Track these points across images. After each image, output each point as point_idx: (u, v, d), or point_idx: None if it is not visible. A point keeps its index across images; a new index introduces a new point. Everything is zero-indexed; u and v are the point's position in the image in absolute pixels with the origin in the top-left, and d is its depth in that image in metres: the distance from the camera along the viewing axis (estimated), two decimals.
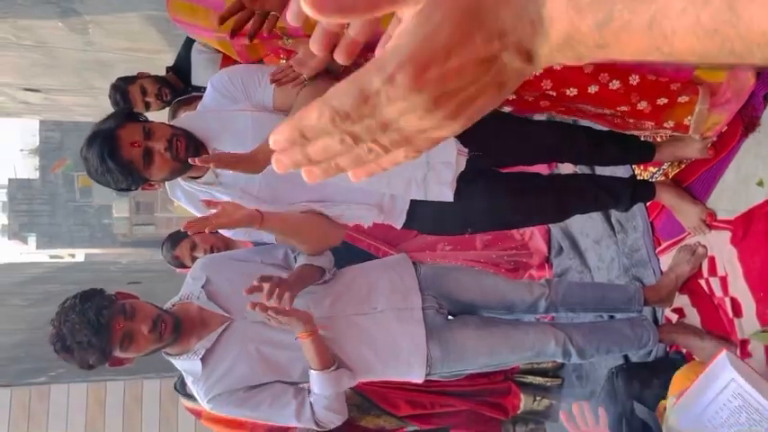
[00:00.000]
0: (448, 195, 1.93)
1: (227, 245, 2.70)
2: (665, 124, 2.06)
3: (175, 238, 2.82)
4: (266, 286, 1.72)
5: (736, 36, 0.34)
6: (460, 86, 0.41)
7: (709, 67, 1.94)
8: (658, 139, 2.25)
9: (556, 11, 0.39)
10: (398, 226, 2.03)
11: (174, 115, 2.73)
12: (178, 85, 2.93)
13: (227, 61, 2.65)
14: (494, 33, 0.40)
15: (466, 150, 1.94)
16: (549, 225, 3.24)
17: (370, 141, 0.43)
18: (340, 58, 0.51)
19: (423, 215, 1.99)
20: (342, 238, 2.09)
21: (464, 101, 0.42)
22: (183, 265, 2.77)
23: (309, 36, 0.52)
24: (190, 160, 1.64)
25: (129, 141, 1.74)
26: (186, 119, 2.01)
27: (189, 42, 2.88)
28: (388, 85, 0.40)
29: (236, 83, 1.92)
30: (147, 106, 2.82)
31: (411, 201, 1.96)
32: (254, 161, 1.69)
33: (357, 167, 0.46)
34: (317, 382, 1.90)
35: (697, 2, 0.35)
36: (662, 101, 1.99)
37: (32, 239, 17.05)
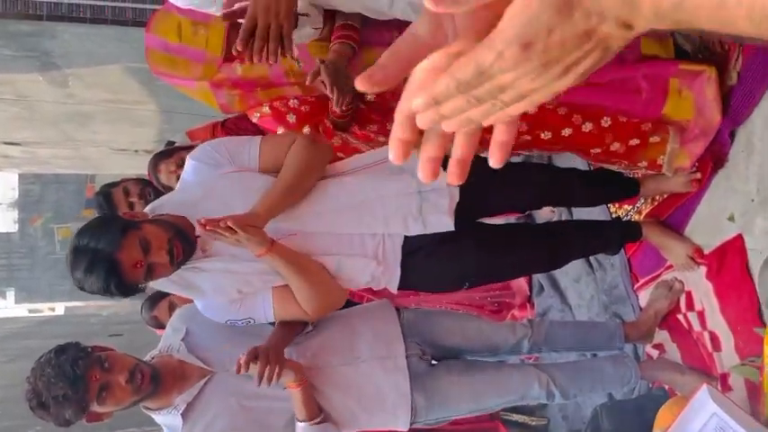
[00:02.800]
0: (448, 224, 1.86)
1: None
2: (639, 164, 2.10)
3: (154, 300, 2.79)
4: (257, 367, 1.70)
5: None
6: (564, 54, 0.45)
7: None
8: (640, 174, 2.27)
9: None
10: (394, 287, 1.93)
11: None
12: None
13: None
14: (591, 12, 0.43)
15: None
16: None
17: (492, 99, 0.49)
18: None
19: (415, 269, 1.91)
20: (344, 299, 1.98)
21: (571, 64, 0.46)
22: (162, 326, 2.74)
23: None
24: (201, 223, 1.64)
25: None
26: (167, 202, 1.91)
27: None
28: (499, 59, 0.45)
29: (221, 151, 1.87)
30: (131, 207, 2.74)
31: (402, 258, 1.89)
32: (257, 216, 1.68)
33: (486, 117, 0.51)
34: None
35: None
36: (634, 142, 2.03)
37: (11, 294, 16.72)
